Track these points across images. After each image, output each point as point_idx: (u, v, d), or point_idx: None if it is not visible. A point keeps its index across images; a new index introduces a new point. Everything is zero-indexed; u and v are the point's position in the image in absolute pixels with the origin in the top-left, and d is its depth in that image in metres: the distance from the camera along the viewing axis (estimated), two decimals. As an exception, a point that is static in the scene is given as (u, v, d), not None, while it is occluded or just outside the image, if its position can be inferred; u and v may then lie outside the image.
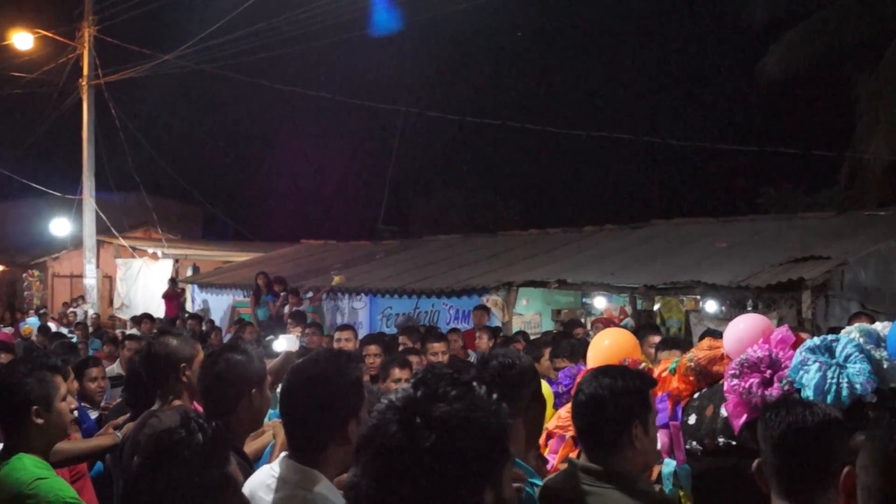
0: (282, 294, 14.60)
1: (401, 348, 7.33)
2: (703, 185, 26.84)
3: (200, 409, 3.41)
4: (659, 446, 3.43)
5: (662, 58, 29.62)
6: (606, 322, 11.68)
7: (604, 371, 2.96)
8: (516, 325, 11.91)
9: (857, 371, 3.10)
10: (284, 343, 5.16)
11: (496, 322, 11.78)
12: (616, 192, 28.34)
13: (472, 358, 9.01)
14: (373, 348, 6.90)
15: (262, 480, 2.60)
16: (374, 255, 18.06)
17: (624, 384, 2.84)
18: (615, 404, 2.81)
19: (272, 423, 3.96)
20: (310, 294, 15.16)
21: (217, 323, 15.97)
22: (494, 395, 1.56)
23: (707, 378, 3.76)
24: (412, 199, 29.41)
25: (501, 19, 26.65)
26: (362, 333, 10.70)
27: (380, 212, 23.88)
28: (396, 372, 5.48)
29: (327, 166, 26.81)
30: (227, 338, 11.62)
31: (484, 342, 9.43)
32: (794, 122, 24.23)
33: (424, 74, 28.97)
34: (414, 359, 6.30)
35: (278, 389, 5.42)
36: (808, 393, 3.09)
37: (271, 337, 6.94)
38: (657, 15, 29.47)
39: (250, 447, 3.73)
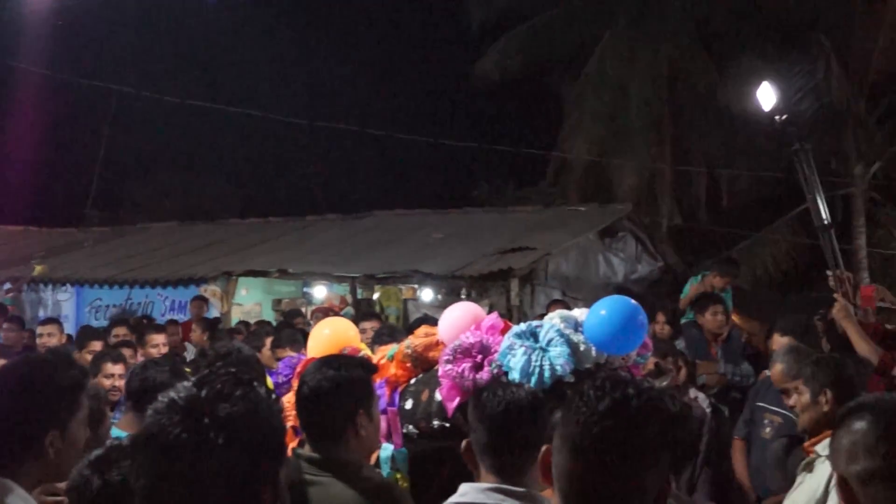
0: (-29, 285, 13.34)
1: (115, 340, 6.99)
2: (422, 177, 27.62)
3: None
4: (377, 431, 3.52)
5: (387, 49, 30.12)
6: (325, 311, 11.77)
7: (326, 362, 2.98)
8: (236, 316, 11.68)
9: (558, 354, 3.34)
10: None
11: (215, 313, 11.51)
12: (338, 181, 28.48)
13: (189, 351, 8.74)
14: (96, 344, 6.54)
15: None
16: (82, 243, 16.99)
17: (347, 374, 2.88)
18: (339, 394, 2.84)
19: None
20: (7, 285, 13.98)
21: None
22: (274, 395, 1.58)
23: (423, 364, 3.90)
24: (125, 183, 27.82)
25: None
26: (68, 327, 10.08)
27: (88, 196, 22.33)
28: (109, 367, 5.20)
29: (29, 144, 24.73)
30: None
31: (198, 335, 9.18)
32: (508, 120, 25.53)
33: (144, 52, 27.56)
34: (128, 352, 6.03)
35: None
36: (515, 375, 3.28)
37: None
38: (382, 6, 29.91)
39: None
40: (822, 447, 3.64)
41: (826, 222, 6.01)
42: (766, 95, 6.61)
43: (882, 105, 16.16)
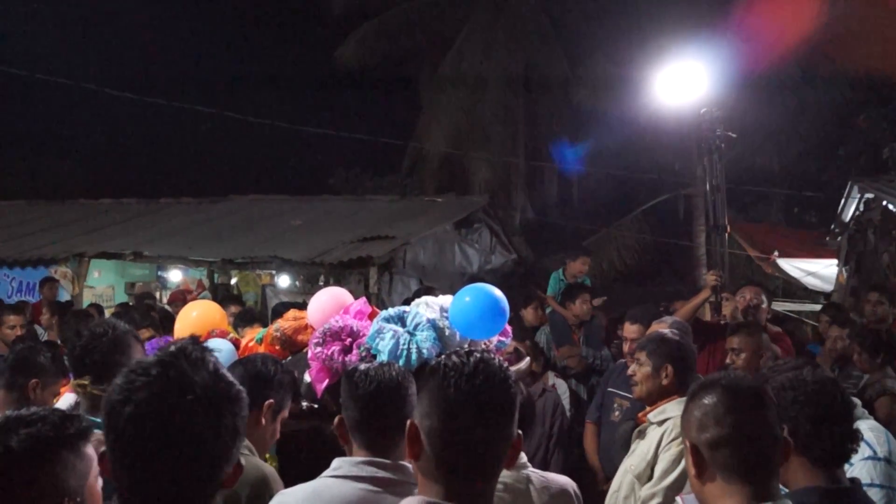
0: None
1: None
2: (279, 162, 27.30)
3: None
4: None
5: (248, 32, 29.56)
6: (182, 295, 11.60)
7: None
8: (87, 298, 11.31)
9: (425, 338, 3.52)
10: None
11: (66, 295, 11.13)
12: (194, 165, 27.71)
13: (41, 333, 8.46)
14: None
15: None
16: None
17: (282, 369, 3.07)
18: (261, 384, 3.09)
19: None
20: None
21: None
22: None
23: (292, 347, 4.01)
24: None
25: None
26: None
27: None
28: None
29: None
30: None
31: (47, 318, 8.90)
32: (366, 108, 25.50)
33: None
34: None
35: None
36: (383, 357, 3.43)
37: None
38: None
39: None
40: (654, 415, 4.01)
41: (723, 224, 6.47)
42: (690, 80, 6.90)
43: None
